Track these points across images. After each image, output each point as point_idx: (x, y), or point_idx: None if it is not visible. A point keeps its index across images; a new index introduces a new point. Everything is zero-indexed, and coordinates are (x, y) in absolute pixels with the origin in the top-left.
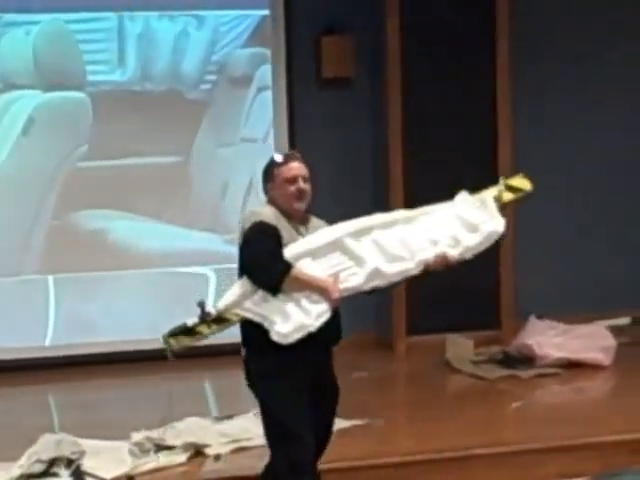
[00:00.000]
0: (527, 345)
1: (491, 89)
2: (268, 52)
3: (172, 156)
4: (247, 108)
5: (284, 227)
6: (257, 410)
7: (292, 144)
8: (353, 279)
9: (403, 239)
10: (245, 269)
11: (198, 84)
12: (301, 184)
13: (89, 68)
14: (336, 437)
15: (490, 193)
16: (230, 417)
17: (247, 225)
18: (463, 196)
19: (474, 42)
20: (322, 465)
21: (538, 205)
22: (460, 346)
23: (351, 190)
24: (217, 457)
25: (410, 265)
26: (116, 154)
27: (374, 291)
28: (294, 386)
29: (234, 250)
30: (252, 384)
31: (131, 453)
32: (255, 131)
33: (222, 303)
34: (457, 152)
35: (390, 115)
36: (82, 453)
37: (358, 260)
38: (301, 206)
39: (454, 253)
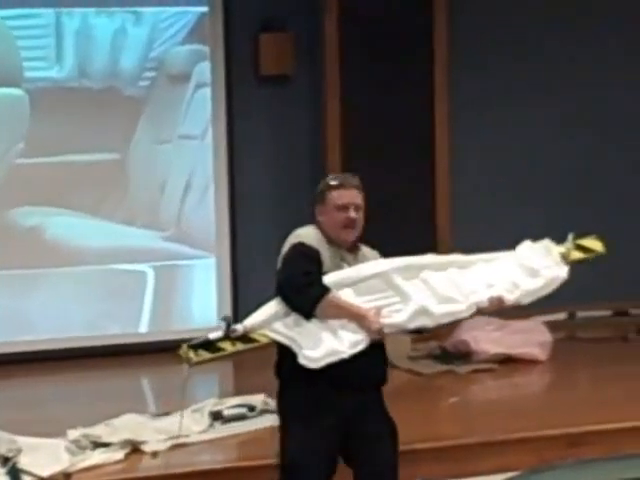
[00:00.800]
0: (464, 341)
1: (429, 85)
2: (206, 49)
3: (110, 153)
4: (185, 105)
5: (328, 253)
6: (195, 406)
7: (230, 141)
8: (396, 315)
9: (455, 281)
10: (280, 290)
11: (136, 81)
12: (352, 213)
13: (26, 64)
14: (275, 432)
15: (556, 247)
16: (167, 414)
17: (287, 246)
18: (526, 244)
19: (412, 37)
20: (262, 461)
21: (476, 202)
22: (397, 342)
23: (289, 187)
24: (154, 454)
25: (461, 307)
26: (54, 151)
27: (421, 331)
28: (315, 431)
29: (172, 247)
30: (280, 418)
31: (68, 450)
32: (193, 128)
33: (250, 321)
34: (395, 149)
35: (328, 112)
36: (19, 450)
37: (404, 296)
38: (349, 237)
39: (511, 297)
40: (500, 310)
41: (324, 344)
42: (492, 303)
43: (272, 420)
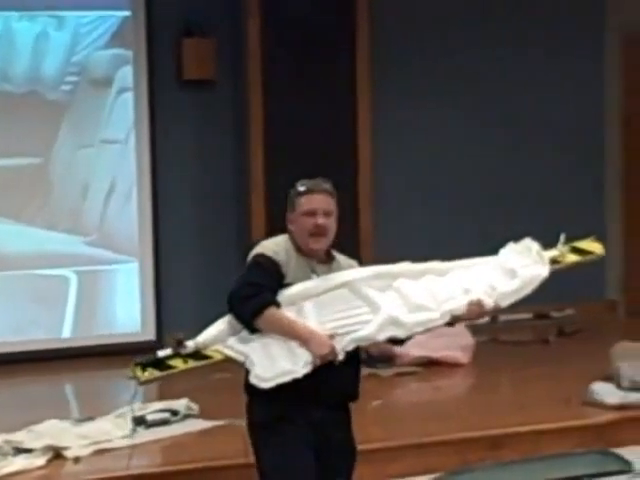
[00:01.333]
0: (387, 344)
1: (351, 87)
2: (129, 53)
3: (32, 157)
4: (108, 109)
5: (297, 264)
6: (118, 412)
7: (153, 146)
8: (365, 327)
9: (430, 289)
10: (228, 301)
11: (58, 85)
12: (320, 219)
13: None
14: (198, 437)
15: (547, 252)
16: (91, 419)
17: (249, 257)
18: (509, 247)
19: (334, 41)
20: (185, 466)
21: (394, 204)
22: None
23: (212, 191)
24: (77, 459)
25: (434, 315)
26: None
27: (399, 342)
28: (289, 435)
29: (95, 252)
30: (250, 433)
31: None
32: (116, 132)
33: (202, 337)
34: (317, 152)
35: (251, 116)
36: None
37: (373, 306)
38: (318, 245)
39: (490, 300)
40: (481, 316)
41: (277, 363)
42: (471, 309)
43: (195, 425)
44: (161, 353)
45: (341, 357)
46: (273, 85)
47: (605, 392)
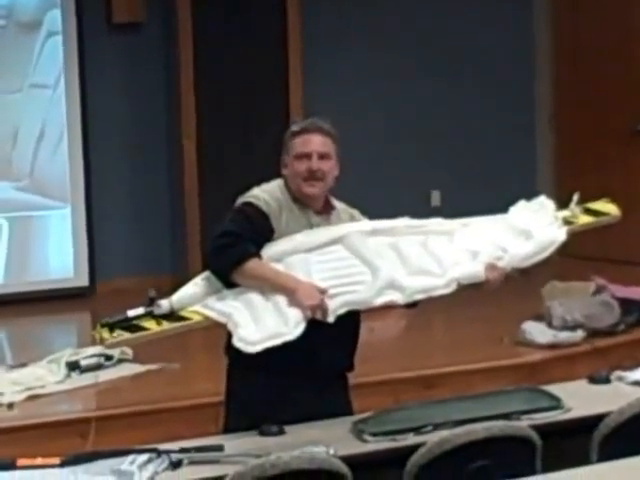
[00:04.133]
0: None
1: (282, 27)
2: None
3: None
4: (36, 54)
5: (289, 216)
6: (51, 357)
7: (83, 90)
8: (360, 290)
9: (433, 250)
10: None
11: None
12: (314, 163)
13: None
14: (132, 381)
15: (559, 211)
16: (24, 365)
17: (237, 204)
18: (520, 204)
19: None
20: (119, 410)
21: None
22: None
23: (143, 135)
24: (10, 405)
25: (438, 282)
26: None
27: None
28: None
29: (26, 197)
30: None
31: None
32: (45, 77)
33: (178, 295)
34: (249, 94)
35: (182, 58)
36: None
37: (370, 266)
38: (312, 191)
39: (500, 264)
40: (500, 283)
41: (264, 323)
42: (493, 276)
43: (129, 369)
44: (131, 312)
45: (331, 319)
46: (202, 28)
47: (536, 331)
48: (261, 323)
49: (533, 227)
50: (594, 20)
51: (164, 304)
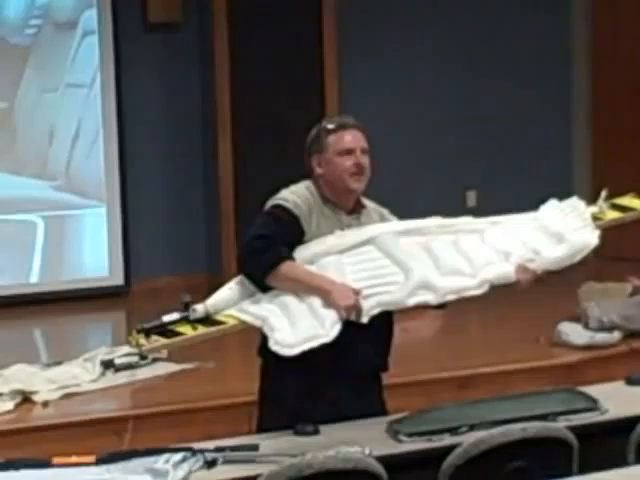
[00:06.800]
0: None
1: (319, 27)
2: None
3: None
4: (73, 53)
5: (320, 217)
6: (87, 355)
7: (119, 89)
8: (393, 291)
9: (465, 250)
10: (238, 258)
11: (22, 29)
12: (360, 157)
13: None
14: (167, 380)
15: (588, 207)
16: (59, 363)
17: (266, 207)
18: (551, 203)
19: None
20: (153, 409)
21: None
22: None
23: (179, 134)
24: (45, 403)
25: (471, 283)
26: None
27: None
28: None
29: (62, 196)
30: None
31: None
32: (81, 76)
33: (213, 299)
34: (284, 94)
35: (217, 58)
36: None
37: (402, 266)
38: (358, 186)
39: (532, 266)
40: (532, 283)
41: (300, 326)
42: (524, 277)
43: (164, 368)
44: (166, 318)
45: (365, 320)
46: (238, 26)
47: (573, 332)
48: (297, 325)
49: (565, 230)
50: (633, 18)
51: (199, 308)
